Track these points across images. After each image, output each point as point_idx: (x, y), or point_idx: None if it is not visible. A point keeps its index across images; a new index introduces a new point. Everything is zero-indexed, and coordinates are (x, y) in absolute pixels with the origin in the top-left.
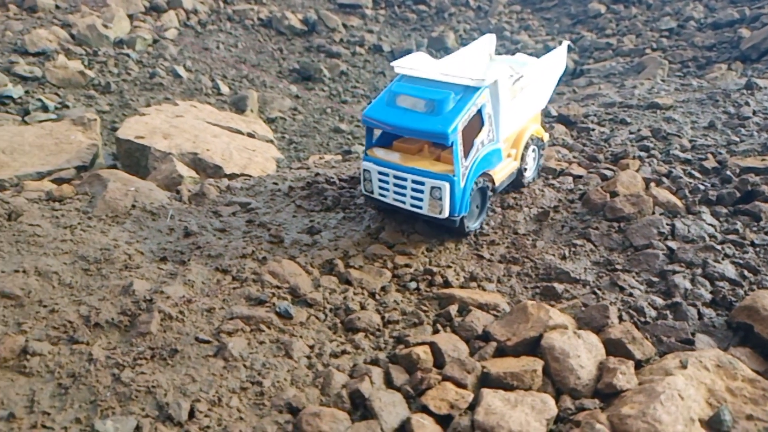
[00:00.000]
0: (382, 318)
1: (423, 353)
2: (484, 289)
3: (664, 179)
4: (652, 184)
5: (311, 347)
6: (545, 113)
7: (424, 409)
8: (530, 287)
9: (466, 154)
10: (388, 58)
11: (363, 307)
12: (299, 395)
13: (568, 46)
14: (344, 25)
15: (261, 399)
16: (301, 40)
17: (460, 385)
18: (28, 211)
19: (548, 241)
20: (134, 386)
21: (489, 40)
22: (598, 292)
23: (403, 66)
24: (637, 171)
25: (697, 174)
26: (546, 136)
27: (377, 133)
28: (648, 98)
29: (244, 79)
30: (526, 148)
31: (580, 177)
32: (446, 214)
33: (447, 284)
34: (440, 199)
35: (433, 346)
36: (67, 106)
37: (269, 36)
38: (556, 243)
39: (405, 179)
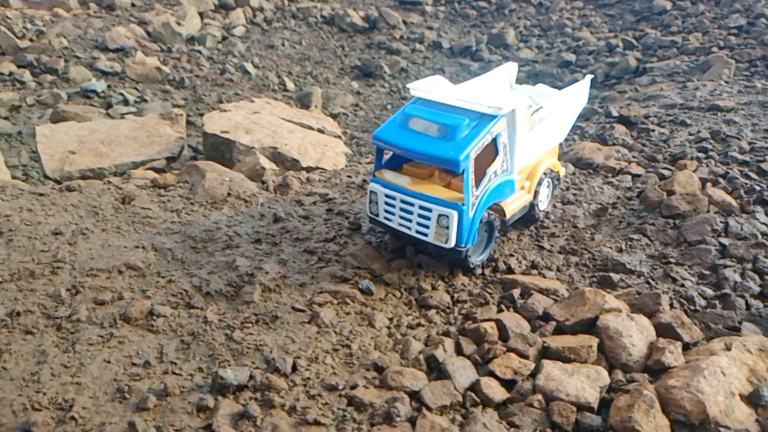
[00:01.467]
0: (452, 297)
1: (490, 328)
2: (544, 277)
3: (721, 180)
4: (708, 184)
5: (390, 319)
6: (606, 113)
7: (491, 374)
8: (588, 276)
9: (478, 183)
10: (447, 55)
11: (434, 288)
12: (383, 357)
13: (592, 80)
14: (404, 22)
15: (350, 359)
16: (363, 37)
17: (523, 356)
18: (139, 196)
19: (606, 234)
20: (244, 344)
21: (510, 69)
22: (651, 282)
23: (419, 88)
24: (694, 171)
25: (753, 175)
26: (562, 171)
27: (388, 155)
28: (709, 100)
29: (308, 76)
30: (540, 182)
31: (639, 176)
32: (452, 243)
33: (510, 271)
34: (447, 227)
35: (498, 322)
36: (146, 100)
37: (332, 33)
38: (614, 237)
39: (412, 204)
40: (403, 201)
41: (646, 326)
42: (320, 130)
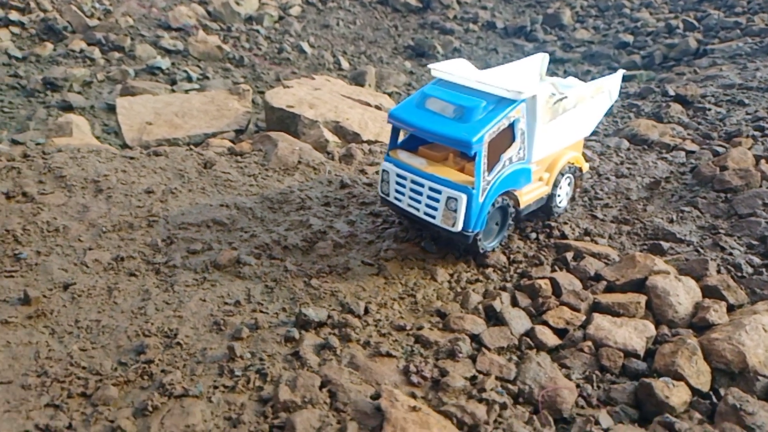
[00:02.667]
0: (508, 258)
1: (544, 284)
2: (596, 243)
3: None
4: (762, 161)
5: (451, 275)
6: (662, 92)
7: (544, 324)
8: (638, 244)
9: (490, 168)
10: (500, 35)
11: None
12: (445, 306)
13: (623, 75)
14: (458, 2)
15: (415, 306)
16: (416, 17)
17: (575, 309)
18: (219, 162)
19: (658, 206)
20: (321, 290)
21: (541, 60)
22: (700, 250)
23: (440, 69)
24: (749, 149)
25: None
26: (585, 167)
27: (404, 134)
28: None
29: (362, 55)
30: (561, 175)
31: (693, 152)
32: (459, 227)
33: (563, 237)
34: (455, 210)
35: (552, 280)
36: (208, 77)
37: (385, 13)
38: (665, 209)
39: (422, 185)
40: (413, 182)
41: (692, 287)
42: (377, 107)
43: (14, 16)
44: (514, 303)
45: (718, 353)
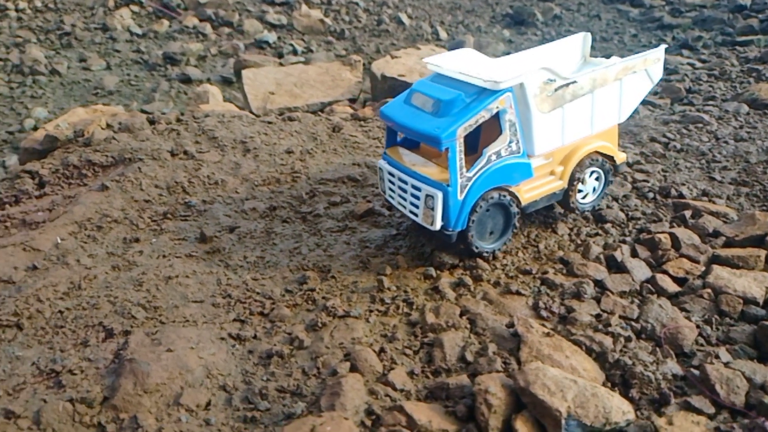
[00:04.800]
0: (626, 215)
1: (663, 238)
2: (714, 203)
3: None
4: None
5: (570, 229)
6: None
7: (664, 272)
8: (757, 205)
9: (471, 164)
10: (604, 1)
11: (608, 207)
12: (566, 255)
13: (666, 48)
14: None
15: (538, 255)
16: None
17: (694, 260)
18: (345, 126)
19: None
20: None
21: (583, 40)
22: None
23: (431, 62)
24: None
25: None
26: (621, 157)
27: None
28: None
29: (460, 25)
30: (583, 167)
31: None
32: (437, 226)
33: (681, 197)
34: (433, 208)
35: (671, 235)
36: (311, 51)
37: None
38: None
39: (407, 183)
40: (400, 179)
41: None
42: None
43: None
44: (634, 254)
45: None
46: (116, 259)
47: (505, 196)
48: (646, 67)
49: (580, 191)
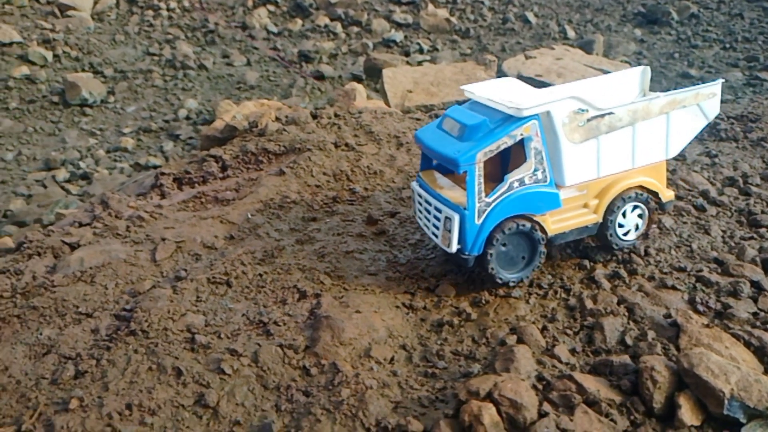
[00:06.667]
0: None
1: None
2: None
3: None
4: None
5: (723, 231)
6: None
7: None
8: None
9: (492, 189)
10: None
11: (763, 212)
12: (721, 256)
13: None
14: None
15: (691, 254)
16: None
17: None
18: None
19: None
20: None
21: (642, 73)
22: None
23: (467, 89)
24: None
25: None
26: (667, 194)
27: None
28: None
29: (589, 24)
30: (621, 202)
31: None
32: (453, 249)
33: None
34: (450, 231)
35: None
36: (437, 49)
37: None
38: None
39: (431, 204)
40: (426, 201)
41: None
42: None
43: None
44: None
45: None
46: (298, 234)
47: (524, 224)
48: (699, 102)
49: (621, 226)
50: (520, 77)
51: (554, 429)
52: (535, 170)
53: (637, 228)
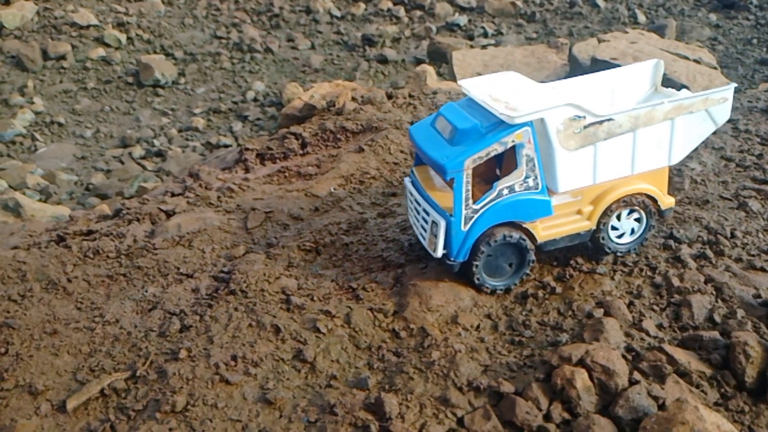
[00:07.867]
0: None
1: None
2: None
3: None
4: None
5: None
6: None
7: None
8: None
9: (485, 190)
10: None
11: None
12: None
13: (735, 88)
14: None
15: None
16: None
17: None
18: None
19: None
20: (685, 215)
21: (654, 68)
22: None
23: (464, 85)
24: None
25: None
26: (667, 201)
27: None
28: None
29: (660, 8)
30: (616, 208)
31: None
32: (438, 254)
33: None
34: (436, 235)
35: None
36: (502, 33)
37: None
38: None
39: (420, 205)
40: (416, 201)
41: None
42: (696, 61)
43: None
44: None
45: None
46: (380, 207)
47: (511, 234)
48: (707, 108)
49: (614, 229)
50: (594, 60)
51: (645, 396)
52: (526, 177)
53: (632, 232)
